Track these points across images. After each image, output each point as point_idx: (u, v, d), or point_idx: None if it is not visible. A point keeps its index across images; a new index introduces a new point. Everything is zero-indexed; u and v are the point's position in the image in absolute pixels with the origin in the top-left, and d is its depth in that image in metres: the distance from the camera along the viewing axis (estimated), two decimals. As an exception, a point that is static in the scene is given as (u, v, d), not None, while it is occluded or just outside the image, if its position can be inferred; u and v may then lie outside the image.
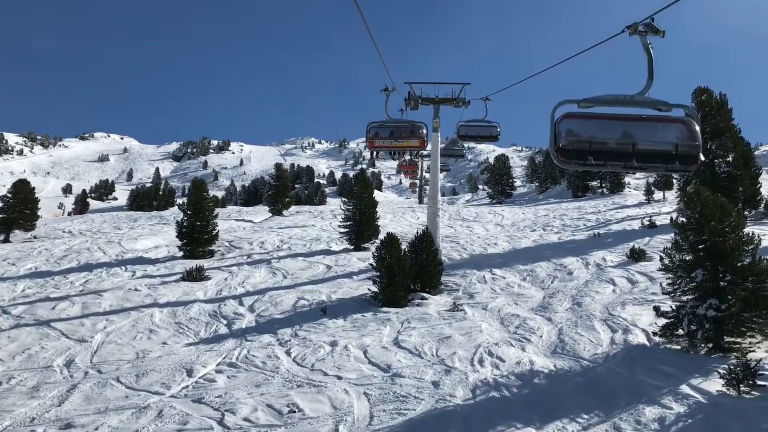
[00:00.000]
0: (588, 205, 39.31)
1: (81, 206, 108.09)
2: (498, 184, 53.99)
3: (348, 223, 23.91)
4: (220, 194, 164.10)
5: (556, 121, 7.07)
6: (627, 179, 48.09)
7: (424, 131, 16.01)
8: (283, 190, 41.51)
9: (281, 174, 41.92)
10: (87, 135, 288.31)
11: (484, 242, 24.75)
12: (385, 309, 15.43)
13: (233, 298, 17.26)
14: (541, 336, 13.15)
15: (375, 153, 18.58)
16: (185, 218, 24.34)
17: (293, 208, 44.89)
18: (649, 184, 38.11)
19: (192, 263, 22.42)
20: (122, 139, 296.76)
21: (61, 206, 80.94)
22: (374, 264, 16.28)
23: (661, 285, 12.90)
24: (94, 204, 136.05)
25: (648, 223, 24.62)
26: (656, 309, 12.67)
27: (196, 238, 24.25)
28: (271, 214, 40.81)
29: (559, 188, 54.59)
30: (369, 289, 16.47)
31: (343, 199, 25.31)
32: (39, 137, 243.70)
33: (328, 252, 23.53)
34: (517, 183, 62.77)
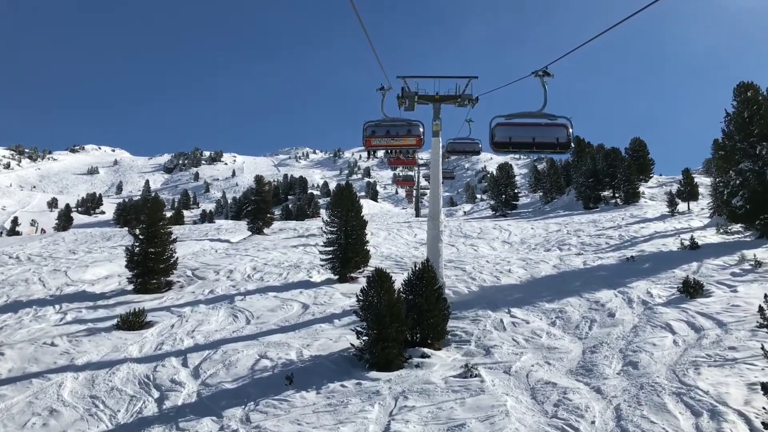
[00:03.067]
0: (603, 218, 35.48)
1: (64, 221, 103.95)
2: (501, 195, 50.06)
3: (331, 248, 19.89)
4: (210, 207, 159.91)
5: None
6: (642, 189, 44.35)
7: (421, 129, 14.58)
8: (265, 206, 37.45)
9: (262, 188, 37.86)
10: (77, 147, 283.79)
11: (495, 268, 20.78)
12: (373, 374, 11.45)
13: (176, 355, 13.24)
14: (592, 421, 9.19)
15: (371, 153, 15.97)
16: (136, 244, 20.37)
17: (277, 225, 40.92)
18: (672, 194, 34.24)
19: (142, 300, 18.51)
20: (113, 151, 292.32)
21: (34, 223, 76.90)
22: (359, 312, 12.33)
23: (764, 349, 8.98)
24: (80, 218, 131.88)
25: (689, 243, 20.73)
26: (765, 387, 8.72)
27: (150, 267, 20.25)
28: (250, 233, 36.76)
29: (566, 198, 50.75)
30: (352, 344, 12.49)
31: (324, 218, 21.27)
32: (27, 150, 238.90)
33: (306, 284, 19.47)
34: (520, 193, 58.79)
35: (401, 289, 13.30)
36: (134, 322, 14.85)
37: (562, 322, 14.27)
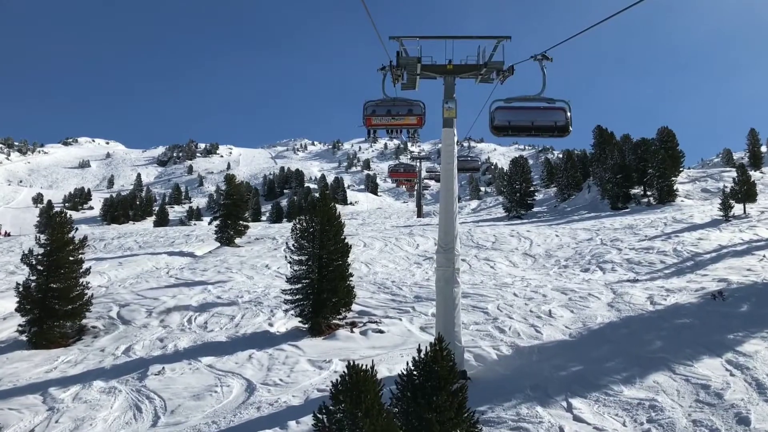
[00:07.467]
0: (641, 222, 29.82)
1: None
2: (515, 193, 44.21)
3: (299, 286, 14.26)
4: (203, 201, 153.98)
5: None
6: (676, 186, 38.69)
7: (422, 109, 12.69)
8: (237, 211, 31.76)
9: (234, 189, 32.13)
10: (70, 140, 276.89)
11: (527, 308, 15.14)
12: None
13: (7, 507, 7.65)
14: None
15: (371, 134, 11.03)
16: (33, 276, 14.82)
17: (255, 231, 35.20)
18: (725, 194, 28.50)
19: (28, 362, 13.03)
20: (107, 143, 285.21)
21: (-3, 225, 71.23)
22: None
23: None
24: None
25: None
26: None
27: (54, 309, 14.71)
28: (219, 244, 31.09)
29: (588, 196, 45.00)
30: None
31: (290, 242, 15.49)
32: (17, 143, 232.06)
33: (263, 339, 13.74)
34: (536, 191, 52.88)
35: (395, 393, 7.78)
36: (-31, 427, 9.29)
37: (659, 429, 8.65)
